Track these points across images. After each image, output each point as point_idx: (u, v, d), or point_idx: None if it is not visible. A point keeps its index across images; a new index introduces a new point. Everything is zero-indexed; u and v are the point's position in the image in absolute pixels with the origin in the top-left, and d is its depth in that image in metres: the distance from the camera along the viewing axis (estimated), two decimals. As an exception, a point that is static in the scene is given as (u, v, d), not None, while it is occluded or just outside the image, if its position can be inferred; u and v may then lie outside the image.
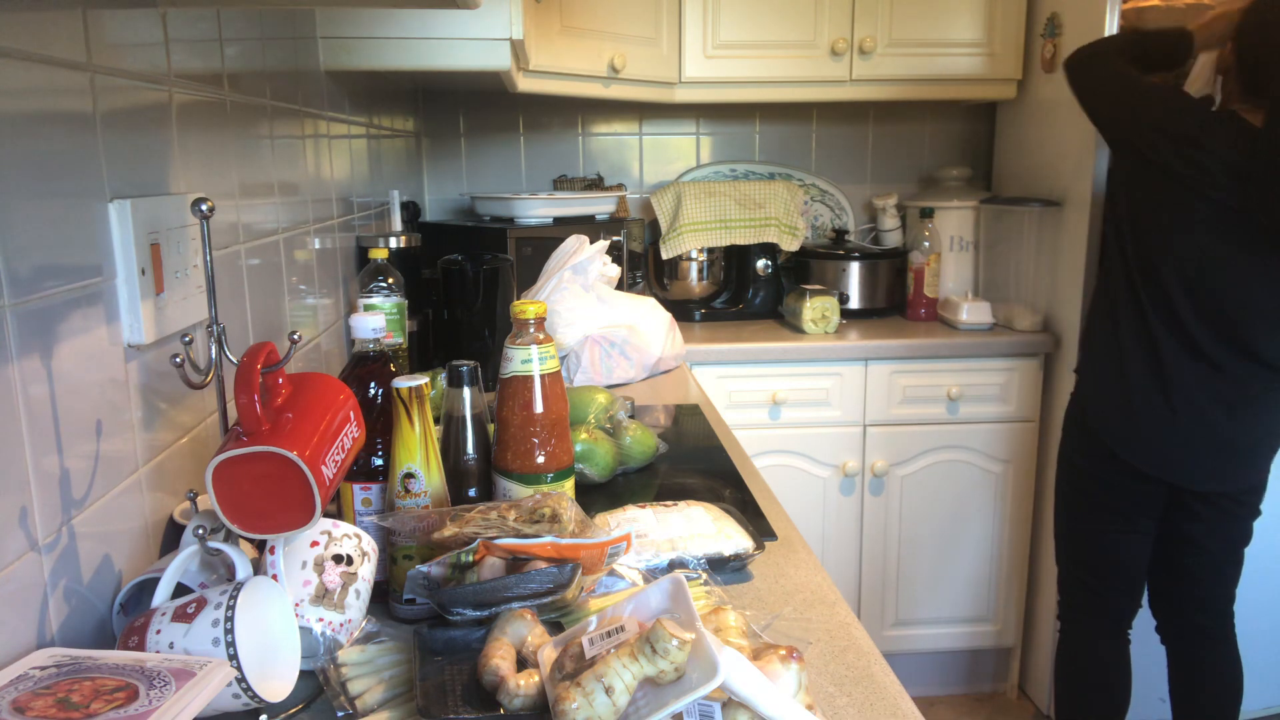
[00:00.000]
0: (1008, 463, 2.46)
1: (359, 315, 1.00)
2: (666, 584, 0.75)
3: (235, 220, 1.18)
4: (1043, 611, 2.48)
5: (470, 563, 0.87)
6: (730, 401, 2.37)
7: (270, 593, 0.79)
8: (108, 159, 0.86)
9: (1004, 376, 2.41)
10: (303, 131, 1.49)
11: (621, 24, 2.33)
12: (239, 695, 0.71)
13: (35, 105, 0.75)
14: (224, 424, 0.90)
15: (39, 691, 0.63)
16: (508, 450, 1.02)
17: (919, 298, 2.63)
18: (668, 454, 1.47)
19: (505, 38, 1.61)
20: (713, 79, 2.53)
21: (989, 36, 2.53)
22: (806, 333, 2.46)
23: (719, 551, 1.03)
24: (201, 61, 1.10)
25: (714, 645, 0.66)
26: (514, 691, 0.73)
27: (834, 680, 0.83)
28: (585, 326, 1.87)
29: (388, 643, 0.86)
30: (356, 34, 1.59)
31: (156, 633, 0.73)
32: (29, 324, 0.74)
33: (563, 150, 2.86)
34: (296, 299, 1.44)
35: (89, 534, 0.82)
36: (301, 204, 1.48)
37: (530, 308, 1.00)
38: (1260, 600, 2.30)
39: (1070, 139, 2.31)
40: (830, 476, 2.44)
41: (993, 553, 2.52)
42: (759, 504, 1.25)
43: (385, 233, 1.91)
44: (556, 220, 2.24)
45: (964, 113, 2.90)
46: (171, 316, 0.96)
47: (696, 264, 2.66)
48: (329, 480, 0.79)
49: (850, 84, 2.56)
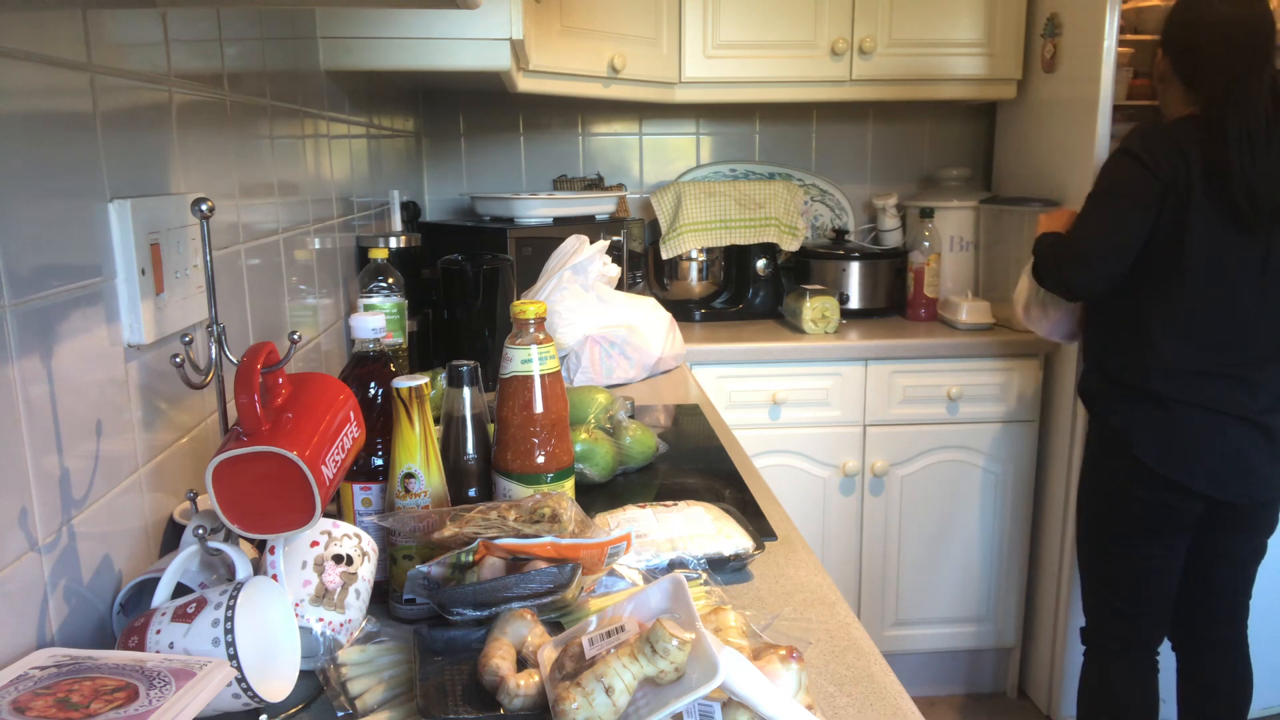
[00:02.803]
0: (1008, 463, 2.46)
1: (359, 315, 1.00)
2: (666, 584, 0.75)
3: (235, 220, 1.18)
4: (1042, 612, 2.48)
5: (470, 563, 0.87)
6: (730, 401, 2.37)
7: (270, 593, 0.79)
8: (108, 159, 0.86)
9: (1004, 376, 2.41)
10: (303, 131, 1.49)
11: (621, 24, 2.33)
12: (239, 695, 0.71)
13: (35, 105, 0.75)
14: (224, 424, 0.90)
15: (39, 691, 0.63)
16: (508, 450, 1.02)
17: (919, 298, 2.63)
18: (668, 454, 1.47)
19: (505, 38, 1.61)
20: (713, 79, 2.53)
21: (989, 36, 2.53)
22: (806, 333, 2.46)
23: (719, 551, 1.03)
24: (201, 61, 1.10)
25: (714, 645, 0.66)
26: (514, 691, 0.73)
27: (834, 680, 0.83)
28: (585, 326, 1.87)
29: (388, 643, 0.86)
30: (356, 34, 1.59)
31: (156, 633, 0.73)
32: (29, 324, 0.74)
33: (563, 150, 2.86)
34: (296, 299, 1.44)
35: (89, 534, 0.82)
36: (301, 204, 1.48)
37: (530, 308, 1.00)
38: (1260, 600, 2.30)
39: (1070, 139, 2.31)
40: (830, 476, 2.44)
41: (992, 553, 2.52)
42: (759, 504, 1.25)
43: (385, 233, 1.91)
44: (556, 220, 2.24)
45: (964, 113, 2.90)
46: (171, 316, 0.96)
47: (696, 264, 2.66)
48: (329, 480, 0.79)
49: (850, 84, 2.56)
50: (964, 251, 2.67)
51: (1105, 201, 1.75)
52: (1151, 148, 1.70)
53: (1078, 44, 2.28)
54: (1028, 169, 2.57)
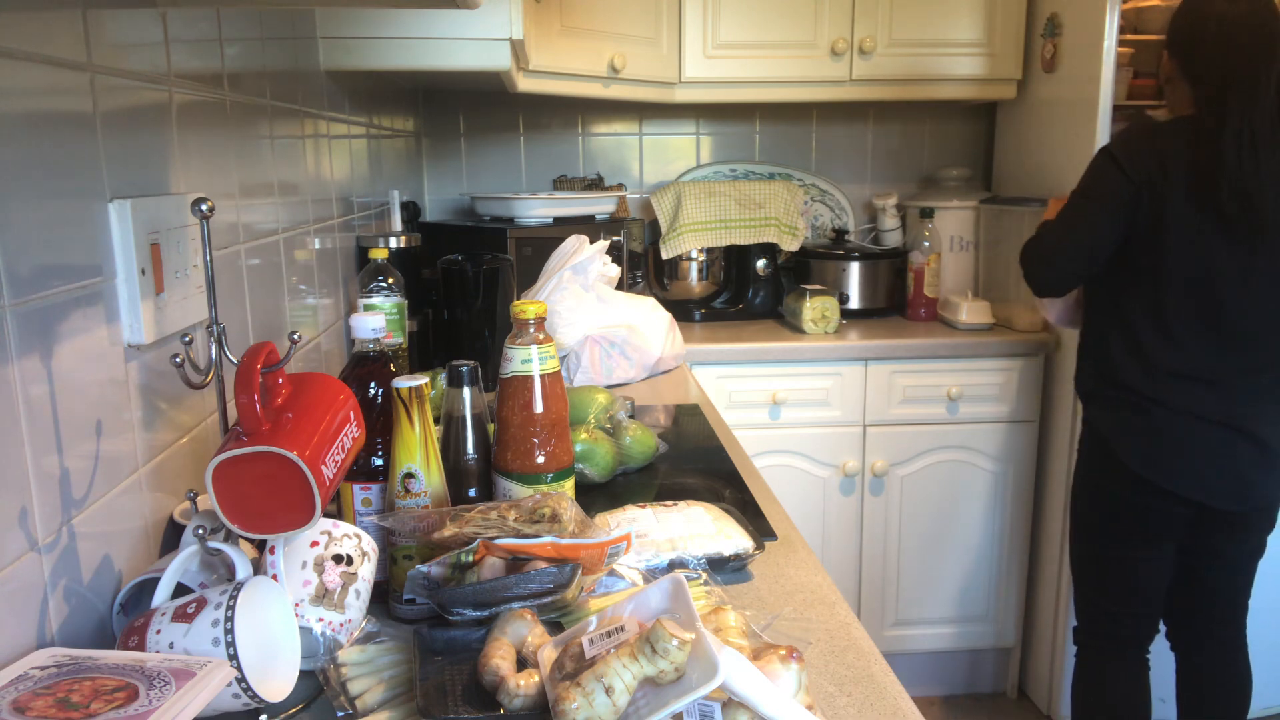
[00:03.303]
0: (1008, 463, 2.46)
1: (359, 315, 1.00)
2: (666, 584, 0.75)
3: (235, 220, 1.18)
4: (1042, 612, 2.48)
5: (470, 563, 0.87)
6: (730, 401, 2.37)
7: (270, 593, 0.79)
8: (108, 159, 0.86)
9: (1004, 376, 2.41)
10: (303, 131, 1.49)
11: (621, 24, 2.33)
12: (239, 695, 0.71)
13: (35, 105, 0.75)
14: (224, 424, 0.90)
15: (39, 691, 0.63)
16: (508, 450, 1.02)
17: (919, 298, 2.63)
18: (668, 454, 1.47)
19: (505, 38, 1.61)
20: (713, 79, 2.53)
21: (989, 36, 2.53)
22: (806, 333, 2.46)
23: (719, 551, 1.03)
24: (201, 61, 1.10)
25: (714, 645, 0.66)
26: (514, 691, 0.73)
27: (834, 680, 0.83)
28: (585, 326, 1.87)
29: (388, 643, 0.86)
30: (356, 34, 1.59)
31: (156, 633, 0.73)
32: (29, 324, 0.74)
33: (563, 150, 2.86)
34: (296, 299, 1.44)
35: (89, 534, 0.82)
36: (301, 204, 1.48)
37: (530, 308, 1.00)
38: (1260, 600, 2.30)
39: (1070, 139, 2.31)
40: (830, 476, 2.44)
41: (992, 553, 2.52)
42: (759, 504, 1.25)
43: (385, 233, 1.91)
44: (556, 220, 2.24)
45: (964, 113, 2.90)
46: (171, 316, 0.96)
47: (696, 264, 2.66)
48: (329, 480, 0.79)
49: (850, 84, 2.56)
50: (964, 251, 2.67)
51: (1076, 202, 1.77)
52: (1129, 148, 1.70)
53: (1078, 44, 2.28)
54: (1028, 169, 2.57)
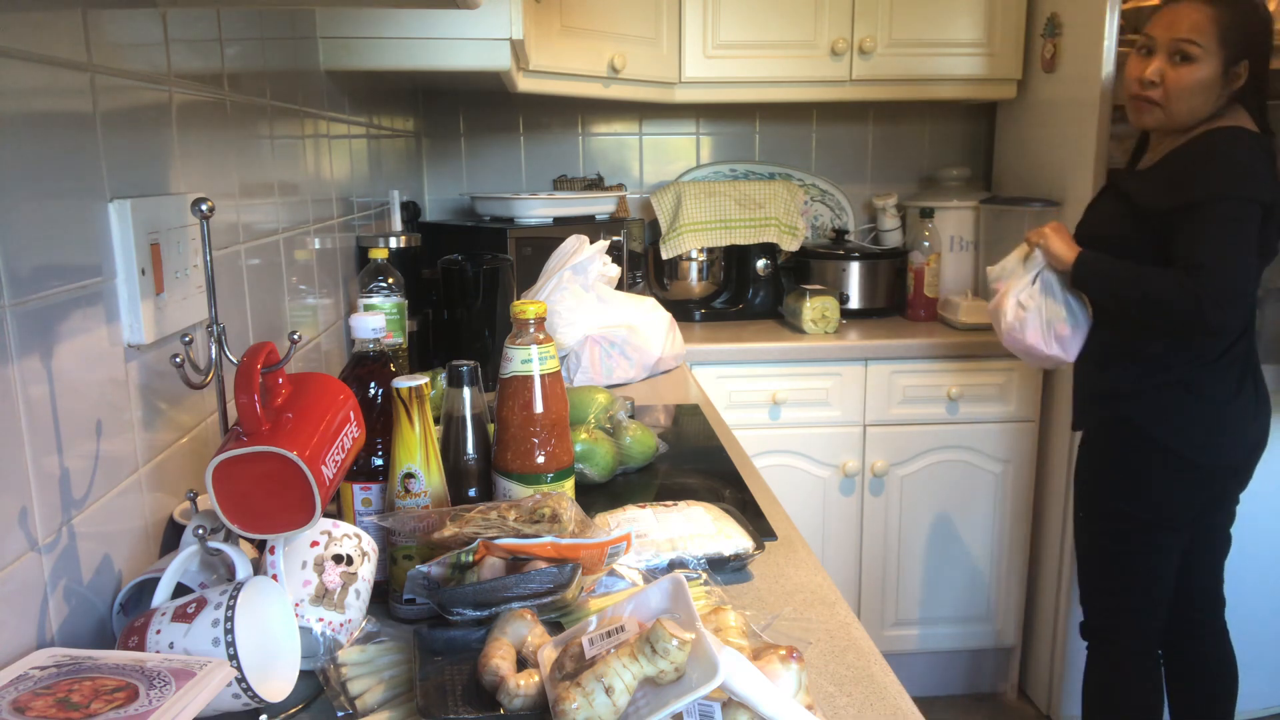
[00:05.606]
0: (1008, 463, 2.46)
1: (359, 315, 1.00)
2: (666, 584, 0.75)
3: (235, 220, 1.18)
4: (1042, 612, 2.48)
5: (470, 563, 0.87)
6: (730, 401, 2.37)
7: (270, 593, 0.79)
8: (108, 159, 0.86)
9: (1004, 376, 2.41)
10: (303, 131, 1.49)
11: (621, 24, 2.33)
12: (239, 695, 0.71)
13: (35, 105, 0.75)
14: (224, 424, 0.90)
15: (39, 691, 0.63)
16: (508, 450, 1.02)
17: (919, 298, 2.63)
18: (668, 454, 1.47)
19: (505, 38, 1.61)
20: (713, 79, 2.53)
21: (989, 36, 2.53)
22: (806, 333, 2.46)
23: (719, 551, 1.03)
24: (201, 61, 1.10)
25: (714, 645, 0.66)
26: (514, 691, 0.73)
27: (834, 680, 0.83)
28: (585, 326, 1.87)
29: (388, 643, 0.86)
30: (356, 34, 1.59)
31: (156, 633, 0.73)
32: (29, 324, 0.74)
33: (563, 150, 2.86)
34: (296, 299, 1.44)
35: (89, 534, 0.82)
36: (301, 204, 1.48)
37: (530, 308, 1.00)
38: (1261, 600, 2.31)
39: (1070, 139, 2.31)
40: (830, 476, 2.44)
41: (992, 553, 2.52)
42: (759, 504, 1.25)
43: (385, 233, 1.91)
44: (556, 220, 2.24)
45: (964, 113, 2.90)
46: (171, 316, 0.96)
47: (696, 264, 2.66)
48: (329, 480, 0.79)
49: (850, 84, 2.56)
50: (964, 251, 2.67)
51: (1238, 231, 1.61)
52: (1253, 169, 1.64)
53: (1078, 44, 2.28)
54: (1028, 169, 2.57)
